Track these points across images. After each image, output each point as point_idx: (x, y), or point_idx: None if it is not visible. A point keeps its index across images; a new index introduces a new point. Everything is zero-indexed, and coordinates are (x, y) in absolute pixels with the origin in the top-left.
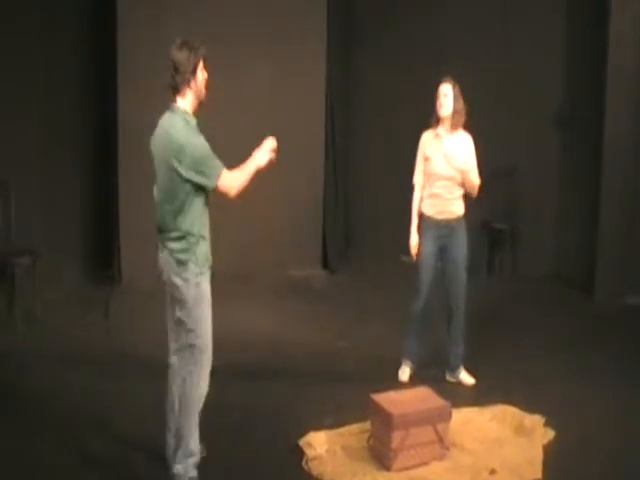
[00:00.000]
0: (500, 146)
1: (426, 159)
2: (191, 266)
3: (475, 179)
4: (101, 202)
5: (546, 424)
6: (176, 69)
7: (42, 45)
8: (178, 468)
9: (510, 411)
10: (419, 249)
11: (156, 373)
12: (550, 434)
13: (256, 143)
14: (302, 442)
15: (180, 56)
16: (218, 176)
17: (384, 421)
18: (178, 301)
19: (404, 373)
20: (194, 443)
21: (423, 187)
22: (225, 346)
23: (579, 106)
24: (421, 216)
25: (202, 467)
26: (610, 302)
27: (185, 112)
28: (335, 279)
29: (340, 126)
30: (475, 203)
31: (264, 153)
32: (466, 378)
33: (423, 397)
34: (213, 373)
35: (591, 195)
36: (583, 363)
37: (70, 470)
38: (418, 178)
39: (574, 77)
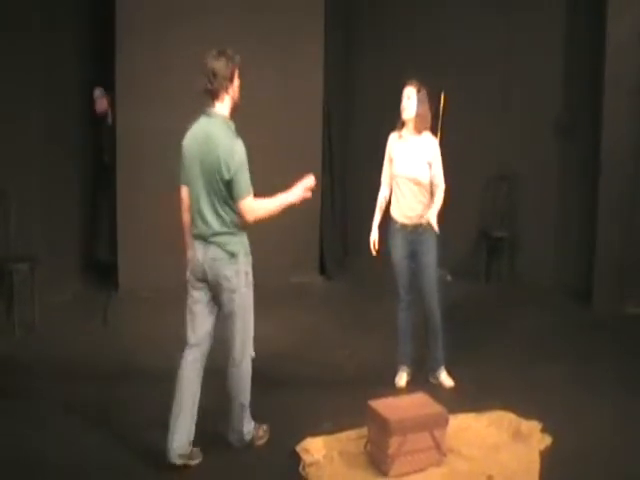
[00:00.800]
0: (499, 153)
1: (390, 160)
2: (241, 257)
3: (440, 199)
4: (100, 210)
5: (543, 430)
6: (215, 76)
7: (42, 50)
8: (246, 430)
9: (507, 417)
10: (390, 251)
11: (155, 379)
12: (547, 440)
13: (254, 150)
14: (299, 448)
15: (218, 64)
16: (245, 197)
17: (381, 427)
18: (230, 291)
19: (401, 379)
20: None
21: (390, 189)
22: (222, 352)
23: (578, 114)
24: (390, 219)
25: (199, 474)
26: (608, 310)
27: (224, 117)
28: (332, 286)
29: (337, 133)
30: (473, 210)
31: (300, 190)
32: (446, 380)
33: (420, 403)
34: (210, 379)
35: (590, 203)
36: (581, 371)
37: (70, 475)
38: (384, 177)
39: (573, 85)
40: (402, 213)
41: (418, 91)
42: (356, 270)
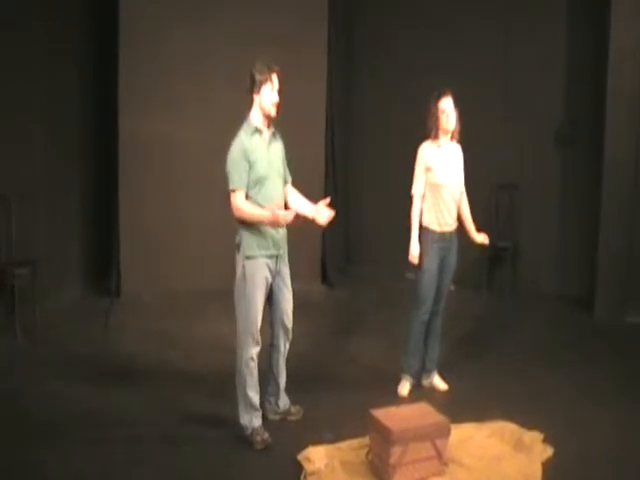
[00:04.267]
0: (501, 163)
1: (428, 170)
2: (243, 247)
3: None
4: (102, 213)
5: (545, 440)
6: (249, 84)
7: (43, 53)
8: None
9: (509, 427)
10: (421, 261)
11: (156, 385)
12: (549, 451)
13: None
14: (301, 457)
15: (253, 70)
16: (232, 191)
17: (383, 436)
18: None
19: (404, 388)
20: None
21: (423, 198)
22: (222, 360)
23: (580, 124)
24: (423, 229)
25: None
26: (610, 320)
27: (251, 121)
28: (334, 294)
29: (340, 143)
30: (476, 220)
31: (277, 217)
32: (439, 383)
33: (422, 413)
34: (208, 386)
35: (592, 213)
36: (583, 380)
37: None
38: (418, 189)
39: (575, 95)
40: (444, 222)
41: (453, 100)
42: (358, 278)
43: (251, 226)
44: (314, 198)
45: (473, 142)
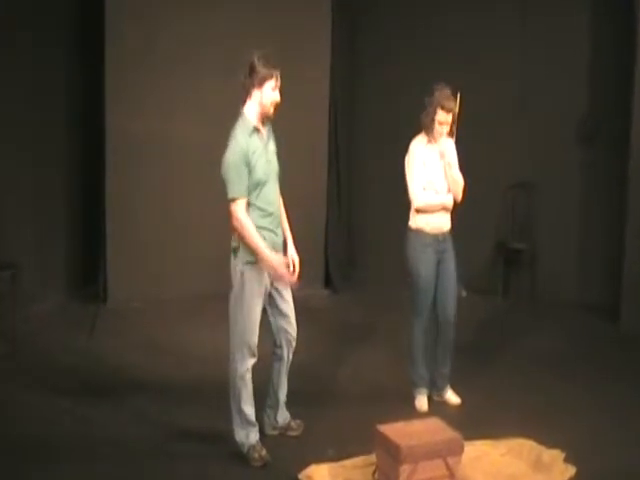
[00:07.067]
0: (518, 161)
1: (424, 164)
2: (240, 254)
3: (461, 181)
4: (88, 214)
5: (566, 460)
6: (249, 73)
7: (29, 51)
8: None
9: (527, 445)
10: (415, 267)
11: (145, 398)
12: (571, 471)
13: None
14: (303, 475)
15: (254, 64)
16: (230, 200)
17: (391, 454)
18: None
19: (422, 403)
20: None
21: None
22: (217, 371)
23: (604, 119)
24: (414, 232)
25: None
26: (636, 328)
27: (247, 119)
28: (338, 299)
29: (343, 144)
30: (491, 221)
31: (279, 268)
32: (452, 397)
33: (433, 428)
34: (202, 399)
35: (616, 214)
36: (608, 395)
37: None
38: (420, 187)
39: (598, 88)
40: (435, 223)
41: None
42: (362, 283)
43: (259, 226)
44: (316, 197)
45: (487, 138)
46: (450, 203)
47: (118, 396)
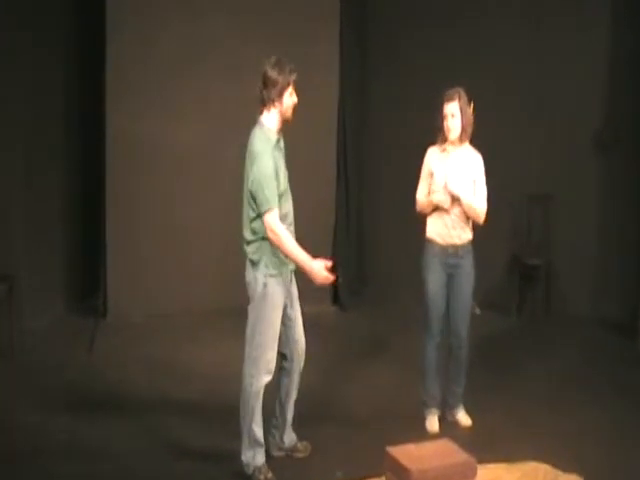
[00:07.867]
0: (534, 172)
1: (431, 175)
2: (262, 266)
3: (479, 206)
4: (87, 224)
5: None
6: (265, 85)
7: (27, 53)
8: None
9: (542, 469)
10: (424, 279)
11: (146, 416)
12: None
13: None
14: None
15: (271, 73)
16: (265, 212)
17: (401, 477)
18: (250, 298)
19: (433, 424)
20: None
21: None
22: (220, 388)
23: (622, 129)
24: (426, 241)
25: None
26: None
27: (267, 128)
28: (346, 317)
29: (353, 155)
30: (505, 235)
31: (320, 273)
32: (463, 419)
33: (445, 451)
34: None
35: (635, 227)
36: (626, 416)
37: None
38: (421, 194)
39: (617, 96)
40: (447, 234)
41: (460, 101)
42: (373, 300)
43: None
44: (325, 207)
45: (501, 147)
46: (445, 204)
47: (117, 412)
